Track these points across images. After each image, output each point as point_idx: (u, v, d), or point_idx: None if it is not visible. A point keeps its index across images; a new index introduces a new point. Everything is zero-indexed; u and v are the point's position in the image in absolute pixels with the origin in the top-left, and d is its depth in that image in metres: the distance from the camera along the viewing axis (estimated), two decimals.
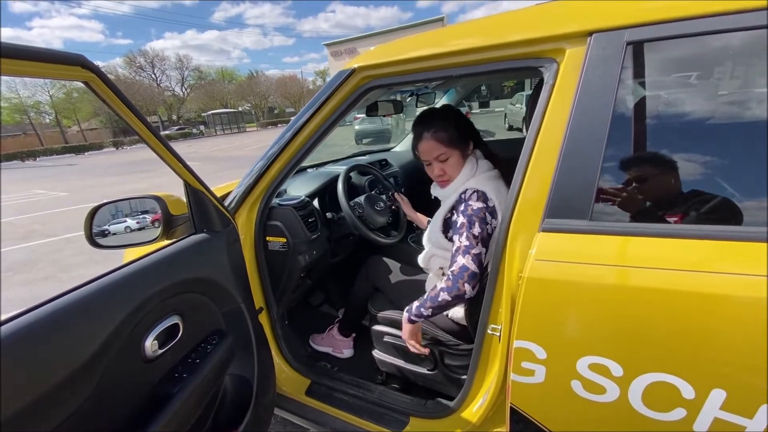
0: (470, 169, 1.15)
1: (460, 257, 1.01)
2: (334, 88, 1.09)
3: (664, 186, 0.73)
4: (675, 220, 0.72)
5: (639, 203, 0.74)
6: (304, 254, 1.40)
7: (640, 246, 0.70)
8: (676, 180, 0.70)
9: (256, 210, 1.28)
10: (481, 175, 1.15)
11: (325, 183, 1.71)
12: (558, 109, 0.79)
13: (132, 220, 1.11)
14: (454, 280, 1.01)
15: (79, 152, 26.20)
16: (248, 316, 1.14)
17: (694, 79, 0.72)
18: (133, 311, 0.77)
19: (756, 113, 0.66)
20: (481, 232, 1.04)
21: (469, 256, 1.01)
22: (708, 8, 0.65)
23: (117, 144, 28.26)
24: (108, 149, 27.95)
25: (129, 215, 1.11)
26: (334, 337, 1.68)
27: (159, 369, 0.86)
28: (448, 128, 1.14)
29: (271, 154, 1.21)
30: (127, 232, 1.10)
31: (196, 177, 0.97)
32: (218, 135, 32.23)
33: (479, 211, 1.05)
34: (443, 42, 0.94)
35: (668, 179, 0.72)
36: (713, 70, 0.71)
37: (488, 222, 1.06)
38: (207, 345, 0.98)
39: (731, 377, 0.63)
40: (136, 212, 1.12)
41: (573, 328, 0.75)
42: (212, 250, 1.04)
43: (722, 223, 0.67)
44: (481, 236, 1.03)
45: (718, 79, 0.70)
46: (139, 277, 0.82)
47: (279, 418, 1.59)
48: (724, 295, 0.62)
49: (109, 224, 1.08)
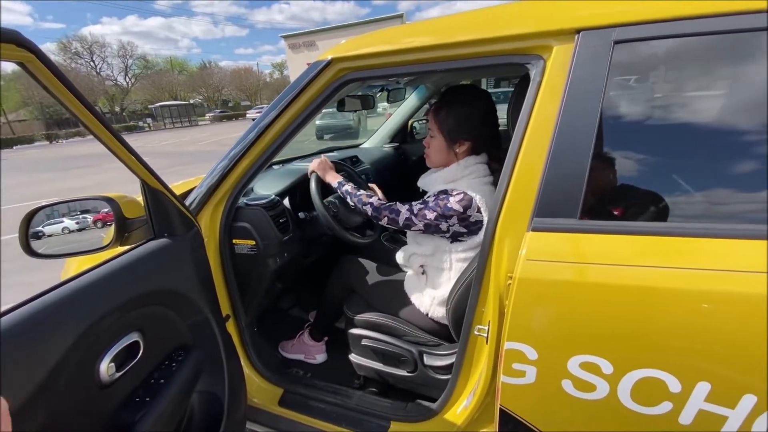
0: (459, 170, 1.11)
1: (405, 210, 1.12)
2: (308, 80, 1.02)
3: (652, 184, 0.74)
4: (661, 218, 0.73)
5: (627, 201, 0.75)
6: (274, 257, 1.31)
7: (627, 244, 0.71)
8: (664, 178, 0.72)
9: (221, 211, 1.18)
10: (475, 179, 1.11)
11: (295, 181, 1.62)
12: (546, 107, 0.78)
13: (70, 221, 0.98)
14: (386, 210, 1.15)
15: (7, 146, 23.58)
16: (216, 326, 1.05)
17: (680, 78, 0.74)
18: (85, 332, 0.67)
19: (742, 113, 0.68)
20: (433, 220, 1.07)
21: (412, 215, 1.10)
22: (694, 10, 0.66)
23: (51, 137, 25.74)
24: (40, 143, 25.40)
25: (67, 215, 0.98)
26: (305, 343, 1.60)
27: (117, 394, 0.76)
28: (449, 114, 1.11)
29: (237, 151, 1.11)
30: (64, 233, 0.96)
31: (154, 175, 0.87)
32: (168, 129, 30.26)
33: (450, 209, 1.05)
34: (427, 34, 0.90)
35: (656, 177, 0.73)
36: (699, 70, 0.72)
37: (447, 221, 1.06)
38: (172, 362, 0.89)
39: (716, 370, 0.65)
40: (74, 212, 0.98)
41: (564, 328, 0.74)
42: (175, 257, 0.94)
43: (714, 221, 0.69)
44: (428, 222, 1.08)
45: (704, 79, 0.72)
46: (91, 292, 0.71)
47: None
48: (708, 291, 0.64)
49: (44, 225, 0.94)
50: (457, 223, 1.06)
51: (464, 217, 1.05)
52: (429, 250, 1.18)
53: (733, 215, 0.70)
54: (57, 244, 0.94)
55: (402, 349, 1.24)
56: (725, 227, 0.67)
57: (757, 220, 0.65)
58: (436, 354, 1.21)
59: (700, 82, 0.74)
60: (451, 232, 1.08)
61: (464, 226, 1.07)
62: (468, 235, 1.09)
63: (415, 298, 1.24)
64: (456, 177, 1.11)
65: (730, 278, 0.63)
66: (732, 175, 0.71)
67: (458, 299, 1.06)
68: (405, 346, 1.23)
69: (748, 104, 0.69)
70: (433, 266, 1.19)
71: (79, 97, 0.66)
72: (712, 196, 0.73)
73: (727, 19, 0.64)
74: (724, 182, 0.72)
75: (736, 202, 0.70)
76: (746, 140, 0.69)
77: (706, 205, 0.72)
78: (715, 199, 0.72)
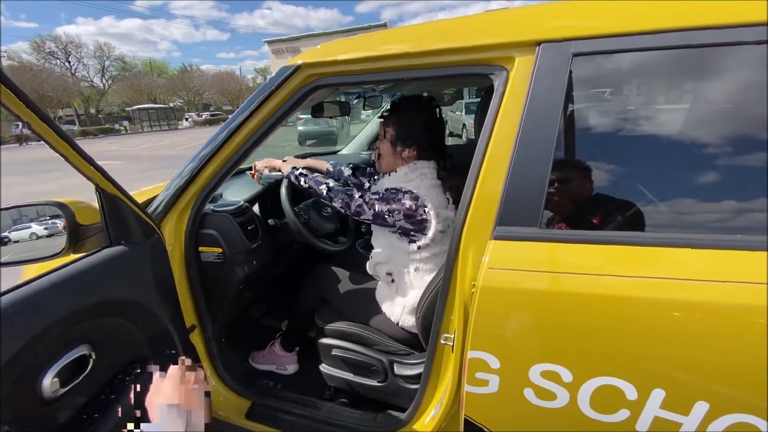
0: (408, 173, 1.17)
1: (358, 196, 1.15)
2: (276, 84, 1.01)
3: (612, 193, 0.76)
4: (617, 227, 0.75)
5: (588, 210, 0.76)
6: (242, 265, 1.28)
7: (588, 253, 0.72)
8: (623, 188, 0.73)
9: (187, 217, 1.15)
10: (422, 181, 1.16)
11: (266, 187, 1.59)
12: (508, 117, 0.79)
13: (38, 226, 0.93)
14: (342, 194, 1.17)
15: None
16: (177, 337, 1.01)
17: (638, 91, 0.76)
18: (26, 345, 0.63)
19: (698, 125, 0.70)
20: (381, 212, 1.11)
21: (364, 203, 1.13)
22: (651, 25, 0.69)
23: (21, 139, 24.70)
24: (9, 144, 24.34)
25: (35, 220, 0.93)
26: (276, 354, 1.56)
27: (63, 411, 0.72)
28: (396, 122, 1.19)
29: (204, 155, 1.08)
30: (32, 239, 0.91)
31: (109, 179, 0.83)
32: (146, 132, 29.50)
33: (398, 203, 1.10)
34: (394, 43, 0.91)
35: (615, 187, 0.75)
36: (656, 83, 0.75)
37: (392, 215, 1.11)
38: (125, 376, 0.84)
39: (670, 377, 0.66)
40: (44, 216, 0.93)
41: (526, 337, 0.74)
42: (131, 265, 0.90)
43: (673, 230, 0.71)
44: (376, 212, 1.12)
45: (660, 92, 0.75)
46: (34, 302, 0.67)
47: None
48: (665, 299, 0.65)
49: (10, 231, 0.89)
50: (404, 219, 1.11)
51: (410, 214, 1.10)
52: (386, 254, 1.21)
53: (692, 225, 0.72)
54: (24, 250, 0.89)
55: (372, 358, 1.22)
56: (682, 236, 0.69)
57: (717, 230, 0.67)
58: (406, 363, 1.20)
59: (657, 95, 0.77)
60: (397, 226, 1.13)
61: (411, 223, 1.11)
62: (416, 232, 1.13)
63: (386, 307, 1.23)
64: (405, 180, 1.16)
65: (687, 287, 0.65)
66: (690, 185, 0.73)
67: (427, 308, 1.05)
68: (375, 356, 1.22)
69: (705, 117, 0.72)
70: (397, 272, 1.20)
71: (24, 100, 0.63)
72: (671, 205, 0.75)
73: (682, 34, 0.67)
74: (680, 192, 0.74)
75: (695, 212, 0.72)
76: (702, 152, 0.71)
77: (665, 214, 0.75)
78: (672, 208, 0.74)
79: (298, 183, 1.30)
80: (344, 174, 1.50)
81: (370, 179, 1.46)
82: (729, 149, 0.69)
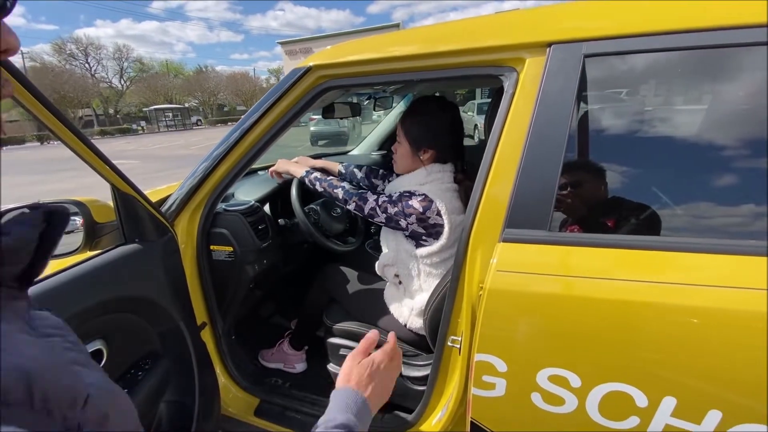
0: (424, 176, 1.15)
1: (372, 200, 1.14)
2: (287, 86, 1.02)
3: (622, 196, 0.75)
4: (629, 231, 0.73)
5: (598, 213, 0.75)
6: (252, 264, 1.30)
7: (597, 256, 0.71)
8: (635, 191, 0.72)
9: (199, 216, 1.17)
10: (438, 186, 1.14)
11: (277, 187, 1.61)
12: (518, 118, 0.78)
13: None
14: (356, 197, 1.17)
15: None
16: (188, 334, 1.03)
17: (651, 92, 0.75)
18: None
19: (712, 126, 0.69)
20: (393, 215, 1.10)
21: (377, 206, 1.12)
22: (662, 26, 0.67)
23: (42, 138, 25.43)
24: (31, 144, 25.08)
25: None
26: (284, 352, 1.58)
27: None
28: (414, 123, 1.16)
29: (216, 155, 1.10)
30: None
31: (124, 179, 0.85)
32: (162, 132, 30.10)
33: (410, 207, 1.08)
34: (403, 44, 0.91)
35: (626, 190, 0.73)
36: (669, 84, 0.73)
37: (406, 219, 1.09)
38: (138, 371, 0.86)
39: (681, 385, 0.65)
40: None
41: (533, 340, 0.74)
42: (145, 263, 0.92)
43: (685, 235, 0.69)
44: (389, 215, 1.11)
45: (673, 92, 0.73)
46: (51, 298, 0.69)
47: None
48: (677, 305, 0.64)
49: None
50: (416, 222, 1.09)
51: (423, 218, 1.08)
52: (393, 255, 1.20)
53: (703, 229, 0.71)
54: None
55: None
56: (694, 241, 0.67)
57: (734, 234, 0.66)
58: (413, 365, 1.20)
59: (669, 97, 0.75)
60: (410, 230, 1.12)
61: (423, 227, 1.10)
62: (428, 237, 1.12)
63: (394, 308, 1.23)
64: (420, 182, 1.14)
65: (702, 293, 0.63)
66: (705, 188, 0.71)
67: (434, 309, 1.05)
68: None
69: (719, 118, 0.70)
70: (404, 274, 1.19)
71: (42, 101, 0.65)
72: (684, 209, 0.73)
73: (694, 35, 0.65)
74: (694, 196, 0.72)
75: (711, 216, 0.70)
76: (716, 155, 0.70)
77: (677, 218, 0.73)
78: (685, 213, 0.73)
79: (312, 187, 1.29)
80: (357, 176, 1.50)
81: (384, 181, 1.46)
82: (745, 152, 0.67)
